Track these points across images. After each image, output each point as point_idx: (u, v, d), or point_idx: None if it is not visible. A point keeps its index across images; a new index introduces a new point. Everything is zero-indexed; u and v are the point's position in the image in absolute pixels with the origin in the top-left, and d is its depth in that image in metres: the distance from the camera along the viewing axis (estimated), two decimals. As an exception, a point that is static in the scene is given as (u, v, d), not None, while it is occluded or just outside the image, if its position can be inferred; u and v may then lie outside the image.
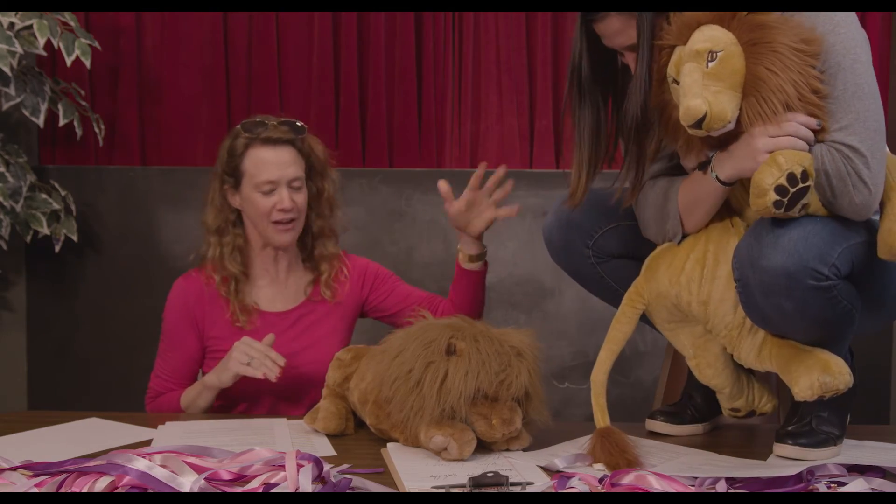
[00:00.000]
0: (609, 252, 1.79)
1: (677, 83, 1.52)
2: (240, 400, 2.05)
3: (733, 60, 1.47)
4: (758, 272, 1.47)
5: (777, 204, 1.42)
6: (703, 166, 1.58)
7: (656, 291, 1.69)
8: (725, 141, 1.52)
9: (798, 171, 1.41)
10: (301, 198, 2.05)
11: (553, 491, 1.37)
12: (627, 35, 1.59)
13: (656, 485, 1.36)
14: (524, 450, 1.65)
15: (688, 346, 1.73)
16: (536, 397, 1.64)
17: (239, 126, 2.06)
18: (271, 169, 2.00)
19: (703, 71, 1.47)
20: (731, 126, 1.48)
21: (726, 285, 1.60)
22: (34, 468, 1.41)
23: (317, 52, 3.08)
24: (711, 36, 1.48)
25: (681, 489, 1.36)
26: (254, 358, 1.91)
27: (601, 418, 1.66)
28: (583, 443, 1.64)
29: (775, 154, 1.43)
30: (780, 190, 1.41)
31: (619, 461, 1.51)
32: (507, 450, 1.64)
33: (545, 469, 1.52)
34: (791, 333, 1.57)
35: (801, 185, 1.41)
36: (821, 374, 1.51)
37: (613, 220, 1.78)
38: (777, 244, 1.44)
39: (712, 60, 1.47)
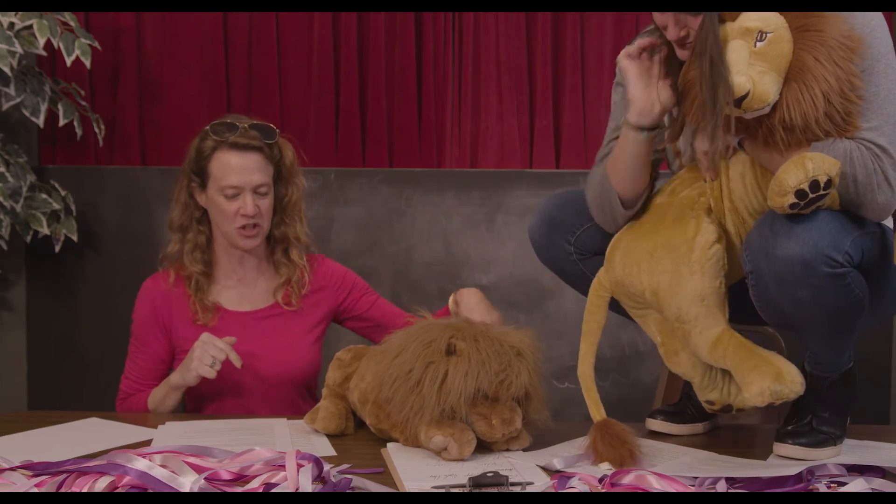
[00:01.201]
0: (590, 249, 1.80)
1: None
2: (205, 400, 2.05)
3: (782, 44, 1.46)
4: (772, 262, 1.47)
5: (793, 206, 1.42)
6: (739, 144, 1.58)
7: (614, 280, 1.70)
8: (752, 126, 1.51)
9: (823, 180, 1.40)
10: (266, 203, 2.03)
11: (553, 491, 1.37)
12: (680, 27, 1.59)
13: (656, 485, 1.36)
14: (524, 450, 1.65)
15: (655, 333, 1.73)
16: (536, 397, 1.64)
17: (208, 127, 2.04)
18: (236, 175, 1.99)
19: (751, 49, 1.46)
20: (767, 109, 1.47)
21: (673, 277, 1.61)
22: (34, 468, 1.41)
23: (317, 52, 3.08)
24: (763, 16, 1.47)
25: (681, 489, 1.36)
26: (215, 359, 1.89)
27: (596, 412, 1.66)
28: (583, 443, 1.64)
29: (805, 156, 1.42)
30: (800, 194, 1.41)
31: (621, 452, 1.52)
32: (507, 450, 1.64)
33: (545, 469, 1.53)
34: (803, 325, 1.56)
35: (821, 192, 1.41)
36: (772, 383, 1.51)
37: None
38: (791, 233, 1.45)
39: (761, 41, 1.46)
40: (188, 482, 1.34)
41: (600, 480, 1.41)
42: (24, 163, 2.76)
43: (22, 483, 1.36)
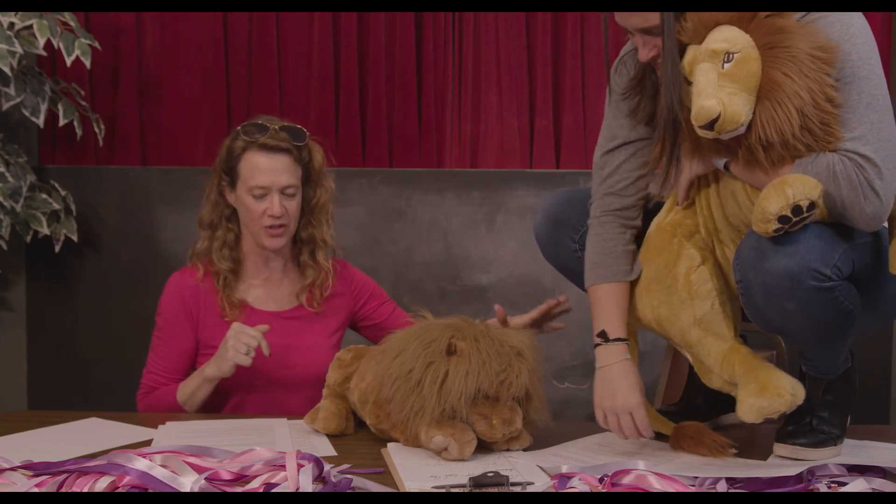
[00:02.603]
0: None
1: (689, 83, 1.50)
2: (226, 396, 2.05)
3: (750, 63, 1.45)
4: (760, 274, 1.47)
5: (777, 230, 1.42)
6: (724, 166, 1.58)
7: (634, 315, 1.74)
8: (733, 147, 1.51)
9: (805, 204, 1.40)
10: (293, 205, 2.05)
11: (553, 491, 1.37)
12: (642, 16, 1.57)
13: (656, 485, 1.36)
14: (524, 450, 1.65)
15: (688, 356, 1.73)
16: (537, 397, 1.64)
17: (239, 127, 2.06)
18: (264, 175, 2.01)
19: (719, 71, 1.45)
20: (742, 129, 1.46)
21: (668, 308, 1.64)
22: (34, 468, 1.42)
23: (317, 52, 3.08)
24: (729, 37, 1.46)
25: (681, 489, 1.36)
26: (249, 347, 1.90)
27: (664, 427, 1.71)
28: (586, 443, 1.65)
29: (785, 181, 1.41)
30: (783, 219, 1.41)
31: (710, 449, 1.60)
32: (508, 450, 1.64)
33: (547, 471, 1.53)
34: (792, 334, 1.56)
35: (804, 215, 1.41)
36: (756, 399, 1.49)
37: None
38: (779, 246, 1.44)
39: (728, 62, 1.45)
40: (188, 482, 1.35)
41: (600, 480, 1.41)
42: (24, 163, 2.76)
43: (22, 483, 1.36)
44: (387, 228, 3.03)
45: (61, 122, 2.75)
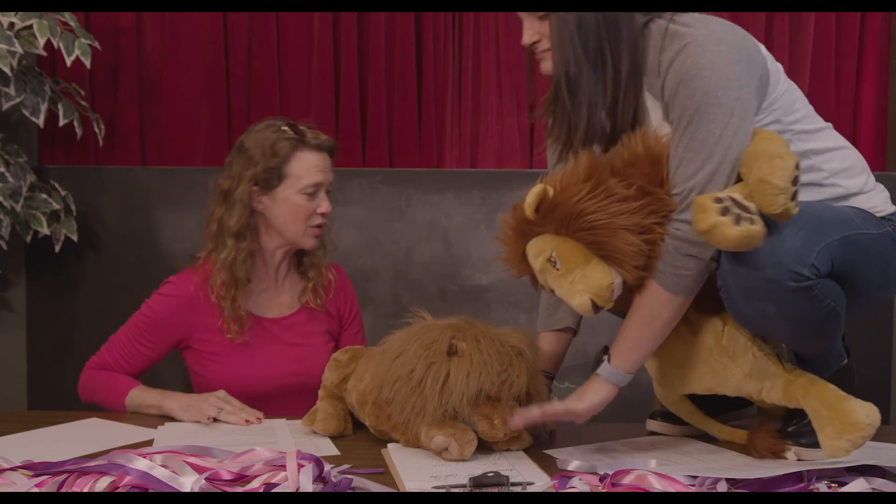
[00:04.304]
0: None
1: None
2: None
3: (567, 249, 1.53)
4: (738, 277, 1.47)
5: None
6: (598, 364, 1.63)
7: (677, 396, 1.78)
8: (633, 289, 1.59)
9: (736, 202, 1.40)
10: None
11: (553, 491, 1.37)
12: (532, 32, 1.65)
13: (656, 485, 1.36)
14: (525, 450, 1.65)
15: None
16: (538, 397, 1.64)
17: (283, 126, 2.02)
18: (319, 173, 2.01)
19: (559, 275, 1.54)
20: (619, 288, 1.54)
21: (714, 377, 1.64)
22: (34, 468, 1.41)
23: (317, 52, 3.08)
24: (537, 251, 1.57)
25: (681, 489, 1.36)
26: (228, 411, 1.89)
27: (722, 433, 1.75)
28: (587, 448, 1.66)
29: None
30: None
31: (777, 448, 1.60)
32: (508, 450, 1.64)
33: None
34: (778, 335, 1.57)
35: (742, 212, 1.40)
36: (839, 441, 1.47)
37: None
38: (756, 249, 1.43)
39: (555, 264, 1.54)
40: (189, 482, 1.34)
41: (601, 480, 1.41)
42: (24, 163, 2.76)
43: (22, 483, 1.36)
44: (387, 228, 3.03)
45: (61, 122, 2.75)
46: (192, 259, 2.09)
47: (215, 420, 1.88)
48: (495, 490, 1.38)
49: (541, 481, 1.44)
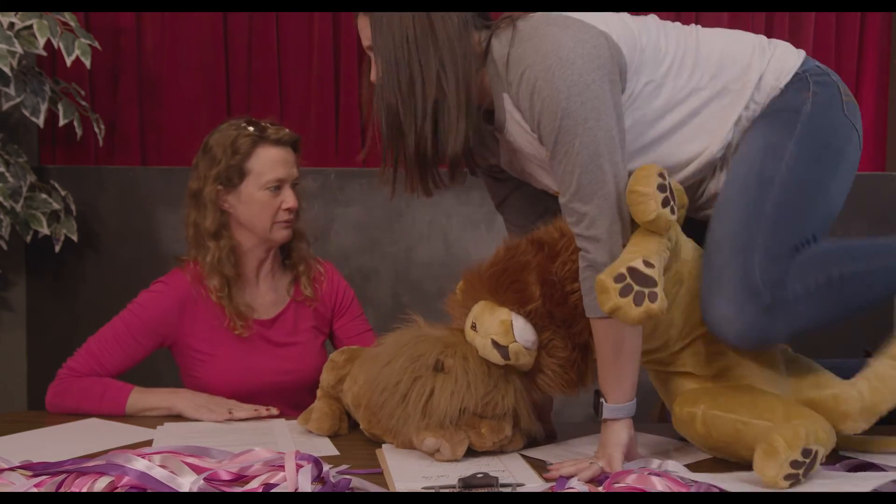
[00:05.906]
0: None
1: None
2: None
3: (491, 321, 1.58)
4: (712, 328, 1.53)
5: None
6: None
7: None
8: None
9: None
10: (297, 198, 2.05)
11: (552, 491, 1.37)
12: (364, 32, 1.68)
13: (656, 485, 1.36)
14: (519, 451, 1.64)
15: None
16: (524, 415, 1.62)
17: (243, 124, 2.02)
18: (282, 168, 2.01)
19: (507, 363, 1.58)
20: (526, 330, 1.57)
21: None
22: (34, 468, 1.41)
23: (317, 52, 3.08)
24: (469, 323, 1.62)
25: (681, 489, 1.35)
26: (241, 406, 1.92)
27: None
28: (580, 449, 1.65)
29: (602, 280, 1.42)
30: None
31: None
32: (503, 451, 1.62)
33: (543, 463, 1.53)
34: (830, 327, 1.60)
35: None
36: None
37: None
38: (711, 298, 1.50)
39: (508, 358, 1.57)
40: (187, 482, 1.34)
41: (601, 481, 1.41)
42: (24, 163, 2.76)
43: (21, 483, 1.36)
44: (387, 228, 3.03)
45: (61, 122, 2.75)
46: (176, 261, 2.09)
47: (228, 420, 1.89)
48: (485, 491, 1.38)
49: (532, 482, 1.43)
